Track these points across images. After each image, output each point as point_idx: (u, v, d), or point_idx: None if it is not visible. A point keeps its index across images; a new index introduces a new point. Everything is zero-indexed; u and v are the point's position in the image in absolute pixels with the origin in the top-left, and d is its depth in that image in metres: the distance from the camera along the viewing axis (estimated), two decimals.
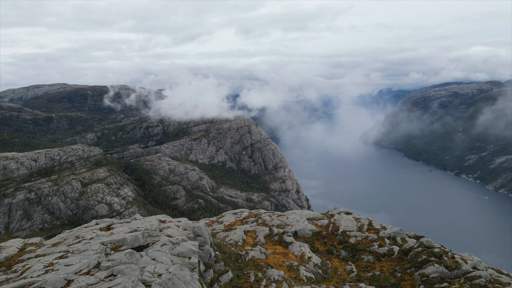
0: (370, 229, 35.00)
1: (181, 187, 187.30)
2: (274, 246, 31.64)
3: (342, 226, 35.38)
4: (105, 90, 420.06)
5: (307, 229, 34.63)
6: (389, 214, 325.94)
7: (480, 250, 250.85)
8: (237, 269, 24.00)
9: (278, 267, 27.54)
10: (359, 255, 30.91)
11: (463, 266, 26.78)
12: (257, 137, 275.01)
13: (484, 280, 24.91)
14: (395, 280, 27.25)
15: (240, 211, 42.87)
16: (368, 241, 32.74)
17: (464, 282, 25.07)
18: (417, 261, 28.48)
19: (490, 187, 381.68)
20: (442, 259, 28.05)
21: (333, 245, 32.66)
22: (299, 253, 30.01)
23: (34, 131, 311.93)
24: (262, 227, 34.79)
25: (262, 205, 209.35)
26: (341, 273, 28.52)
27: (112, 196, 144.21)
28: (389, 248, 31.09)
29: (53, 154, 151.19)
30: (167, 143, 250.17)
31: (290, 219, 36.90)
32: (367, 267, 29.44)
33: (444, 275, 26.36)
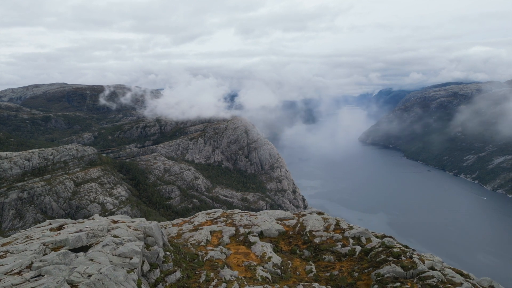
0: (336, 229, 35.21)
1: (176, 187, 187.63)
2: (237, 246, 31.87)
3: (309, 226, 35.59)
4: (102, 90, 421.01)
5: (274, 229, 34.85)
6: (387, 214, 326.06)
7: (477, 250, 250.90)
8: (189, 269, 24.21)
9: (236, 267, 27.76)
10: (321, 255, 31.11)
11: (419, 266, 26.92)
12: (254, 137, 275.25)
13: (436, 280, 25.07)
14: (352, 280, 27.43)
15: (214, 211, 43.11)
16: (332, 241, 32.94)
17: (416, 282, 25.25)
18: (376, 261, 28.64)
19: (488, 187, 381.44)
20: (399, 259, 28.21)
21: (297, 245, 32.87)
22: (261, 253, 30.23)
23: (32, 131, 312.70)
24: (229, 227, 35.02)
25: (257, 205, 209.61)
26: (300, 273, 28.73)
27: (105, 196, 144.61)
28: (351, 248, 31.29)
29: (47, 154, 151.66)
30: (163, 142, 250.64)
31: (259, 219, 37.13)
32: (327, 267, 29.64)
33: (400, 275, 26.53)
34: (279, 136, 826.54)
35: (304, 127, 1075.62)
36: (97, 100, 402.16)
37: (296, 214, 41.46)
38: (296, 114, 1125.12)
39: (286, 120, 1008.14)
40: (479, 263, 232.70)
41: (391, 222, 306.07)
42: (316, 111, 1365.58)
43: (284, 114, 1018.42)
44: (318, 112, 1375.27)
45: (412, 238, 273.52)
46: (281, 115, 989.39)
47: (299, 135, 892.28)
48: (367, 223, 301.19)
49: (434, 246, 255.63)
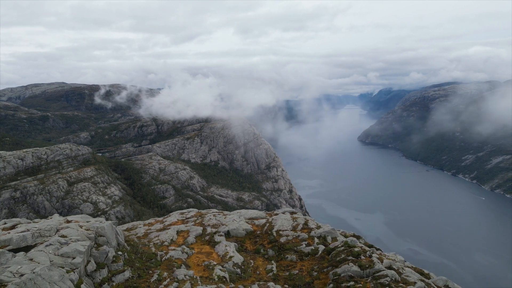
0: (304, 229, 35.36)
1: (171, 186, 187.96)
2: (202, 246, 32.03)
3: (277, 226, 35.74)
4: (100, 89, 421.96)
5: (241, 228, 35.00)
6: (384, 213, 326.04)
7: (474, 250, 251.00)
8: (143, 269, 24.36)
9: (195, 266, 27.92)
10: (284, 254, 31.25)
11: (376, 265, 27.03)
12: (251, 137, 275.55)
13: (389, 279, 25.22)
14: (310, 279, 27.57)
15: (188, 211, 43.28)
16: (298, 241, 33.09)
17: (370, 281, 25.39)
18: (336, 260, 28.79)
19: (486, 187, 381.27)
20: (359, 258, 28.35)
21: (263, 244, 33.03)
22: (223, 252, 30.39)
23: (30, 130, 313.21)
24: (196, 227, 35.19)
25: (252, 205, 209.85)
26: (261, 272, 28.87)
27: (98, 195, 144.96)
28: (315, 248, 31.43)
29: (41, 153, 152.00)
30: (159, 142, 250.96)
31: (228, 219, 37.29)
32: (288, 266, 29.79)
33: (356, 274, 26.65)
34: (278, 136, 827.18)
35: (304, 126, 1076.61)
36: (95, 100, 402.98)
37: (268, 214, 41.62)
38: (295, 113, 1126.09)
39: (286, 120, 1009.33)
40: (476, 263, 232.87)
41: (388, 222, 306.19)
42: (316, 110, 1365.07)
43: (283, 114, 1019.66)
44: (318, 111, 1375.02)
45: (409, 238, 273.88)
46: (281, 114, 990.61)
47: (298, 135, 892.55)
48: (364, 223, 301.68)
49: (431, 246, 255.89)
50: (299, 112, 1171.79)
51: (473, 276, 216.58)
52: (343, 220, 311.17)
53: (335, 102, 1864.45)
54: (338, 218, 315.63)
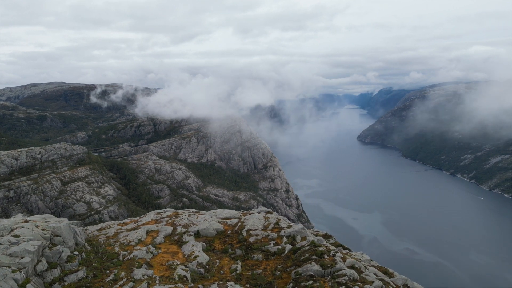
0: (275, 228, 35.43)
1: (166, 186, 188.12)
2: (170, 245, 32.14)
3: (248, 225, 35.83)
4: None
5: (211, 228, 35.09)
6: (382, 213, 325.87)
7: (471, 249, 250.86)
8: (101, 268, 24.48)
9: (158, 266, 28.02)
10: (251, 254, 31.35)
11: (338, 264, 27.12)
12: (248, 136, 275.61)
13: (346, 278, 25.35)
14: (272, 278, 27.68)
15: (164, 211, 43.40)
16: (266, 240, 33.18)
17: (329, 280, 25.51)
18: (300, 260, 28.87)
19: (485, 187, 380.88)
20: (322, 257, 28.45)
21: (231, 244, 33.13)
22: (189, 252, 30.48)
23: (27, 130, 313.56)
24: (167, 227, 35.30)
25: (248, 204, 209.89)
26: (225, 272, 28.97)
27: (91, 195, 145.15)
28: (282, 247, 31.52)
29: (35, 153, 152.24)
30: (156, 142, 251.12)
31: (200, 218, 37.39)
32: (253, 265, 29.88)
33: (317, 273, 26.75)
34: (278, 135, 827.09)
35: (303, 126, 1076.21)
36: (90, 99, 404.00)
37: (243, 214, 41.71)
38: (295, 113, 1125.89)
39: (286, 119, 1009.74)
40: (472, 263, 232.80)
41: (385, 222, 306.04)
42: (316, 110, 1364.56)
43: (283, 113, 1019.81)
44: (318, 111, 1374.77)
45: (406, 237, 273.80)
46: (281, 114, 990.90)
47: (298, 134, 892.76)
48: (362, 223, 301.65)
49: (428, 245, 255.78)
50: (299, 111, 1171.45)
51: (469, 276, 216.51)
52: (341, 219, 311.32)
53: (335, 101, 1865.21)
54: (335, 217, 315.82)
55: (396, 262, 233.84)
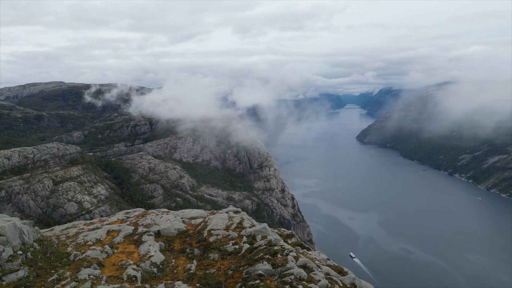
0: (237, 228, 35.44)
1: (159, 186, 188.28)
2: (128, 245, 32.17)
3: (211, 225, 35.85)
4: (95, 88, 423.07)
5: (173, 228, 35.13)
6: (379, 213, 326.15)
7: (466, 249, 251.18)
8: (46, 268, 24.53)
9: (110, 266, 28.04)
10: (208, 253, 31.38)
11: (289, 264, 27.13)
12: (243, 136, 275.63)
13: (292, 277, 25.41)
14: (224, 278, 27.71)
15: (133, 210, 43.45)
16: (226, 240, 33.19)
17: (275, 280, 25.56)
18: (253, 259, 28.89)
19: (482, 186, 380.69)
20: (275, 257, 28.50)
21: (190, 244, 33.16)
22: (145, 252, 30.52)
23: (24, 129, 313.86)
24: (129, 227, 35.34)
25: (242, 204, 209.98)
26: (178, 271, 28.98)
27: (83, 195, 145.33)
28: (239, 247, 31.54)
29: (27, 153, 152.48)
30: (151, 141, 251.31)
31: (163, 218, 37.44)
32: (208, 265, 29.89)
33: (268, 272, 26.76)
34: (277, 135, 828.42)
35: (303, 126, 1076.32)
36: (90, 99, 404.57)
37: (211, 213, 41.72)
38: (295, 113, 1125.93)
39: (285, 119, 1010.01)
40: (468, 262, 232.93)
41: (382, 221, 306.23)
42: (316, 110, 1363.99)
43: (283, 113, 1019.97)
44: (317, 111, 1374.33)
45: (402, 237, 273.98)
46: (280, 113, 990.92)
47: (297, 134, 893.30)
48: (359, 222, 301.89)
49: (424, 245, 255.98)
50: (298, 111, 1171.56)
51: (463, 275, 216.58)
52: (337, 219, 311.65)
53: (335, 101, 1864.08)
54: (332, 217, 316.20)
55: (392, 262, 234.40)
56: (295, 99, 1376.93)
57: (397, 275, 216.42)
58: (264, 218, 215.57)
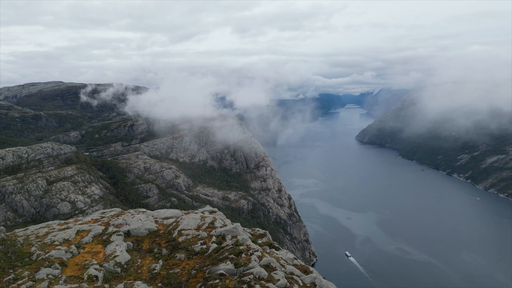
0: (208, 228, 35.43)
1: (154, 186, 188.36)
2: (95, 245, 32.17)
3: (182, 225, 35.85)
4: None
5: (143, 228, 35.12)
6: (376, 213, 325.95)
7: (463, 249, 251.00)
8: (4, 268, 24.55)
9: (73, 266, 28.04)
10: (175, 253, 31.38)
11: (252, 263, 27.13)
12: (240, 136, 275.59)
13: (252, 277, 25.43)
14: (186, 278, 27.71)
15: (110, 210, 43.47)
16: (195, 240, 33.17)
17: (235, 279, 25.57)
18: (218, 259, 28.91)
19: (480, 186, 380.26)
20: (239, 256, 28.52)
21: (159, 244, 33.17)
22: (111, 252, 30.53)
23: (22, 129, 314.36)
24: (99, 227, 35.36)
25: (238, 204, 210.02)
26: (142, 271, 28.96)
27: (77, 195, 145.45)
28: (206, 247, 31.54)
29: (21, 152, 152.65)
30: (148, 141, 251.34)
31: (135, 218, 37.45)
32: (174, 265, 29.91)
33: (230, 272, 26.77)
34: (277, 135, 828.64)
35: (303, 126, 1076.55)
36: (86, 98, 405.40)
37: (186, 213, 41.70)
38: (295, 112, 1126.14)
39: (285, 119, 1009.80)
40: (464, 262, 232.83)
41: (379, 221, 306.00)
42: (316, 110, 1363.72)
43: (283, 113, 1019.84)
44: (317, 111, 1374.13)
45: (399, 237, 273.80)
46: (280, 113, 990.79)
47: (297, 134, 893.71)
48: (356, 222, 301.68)
49: (421, 245, 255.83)
50: (298, 111, 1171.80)
51: (460, 275, 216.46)
52: (335, 219, 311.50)
53: (335, 101, 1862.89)
54: (329, 217, 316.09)
55: (388, 262, 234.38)
56: (295, 99, 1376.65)
57: (393, 275, 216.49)
58: (260, 218, 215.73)
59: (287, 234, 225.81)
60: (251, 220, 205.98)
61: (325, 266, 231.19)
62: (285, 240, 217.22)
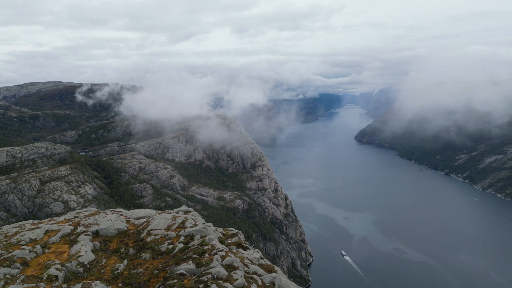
0: (178, 228, 35.35)
1: (149, 186, 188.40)
2: (62, 245, 32.13)
3: (153, 225, 35.82)
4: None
5: (113, 228, 35.07)
6: (373, 213, 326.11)
7: (460, 249, 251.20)
8: None
9: (35, 266, 27.99)
10: (141, 253, 31.36)
11: (213, 263, 27.09)
12: (237, 136, 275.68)
13: (209, 276, 25.43)
14: (148, 277, 27.69)
15: (85, 210, 43.45)
16: (163, 239, 33.12)
17: (193, 279, 25.56)
18: (181, 259, 28.88)
19: (478, 187, 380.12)
20: (202, 256, 28.51)
21: (127, 244, 33.15)
22: (75, 252, 30.50)
23: (19, 129, 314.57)
24: (69, 227, 35.31)
25: (233, 204, 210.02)
26: (105, 271, 28.93)
27: (70, 194, 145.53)
28: (173, 246, 31.50)
29: (15, 152, 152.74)
30: (144, 141, 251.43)
31: (106, 218, 37.43)
32: (138, 265, 29.86)
33: (190, 272, 26.72)
34: (276, 135, 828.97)
35: (302, 126, 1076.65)
36: (81, 98, 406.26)
37: (159, 213, 41.64)
38: (295, 112, 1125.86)
39: (284, 119, 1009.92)
40: (460, 262, 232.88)
41: (376, 221, 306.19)
42: (316, 110, 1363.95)
43: (282, 113, 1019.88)
44: (317, 111, 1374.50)
45: (395, 237, 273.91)
46: (279, 113, 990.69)
47: (296, 134, 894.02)
48: (352, 222, 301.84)
49: (418, 245, 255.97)
50: (298, 111, 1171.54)
51: (455, 275, 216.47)
52: (331, 219, 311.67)
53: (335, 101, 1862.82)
54: (326, 217, 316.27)
55: (384, 261, 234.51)
56: (295, 99, 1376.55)
57: (388, 275, 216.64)
58: (256, 218, 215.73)
59: (283, 234, 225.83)
60: (246, 220, 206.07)
61: (321, 266, 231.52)
62: (281, 240, 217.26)
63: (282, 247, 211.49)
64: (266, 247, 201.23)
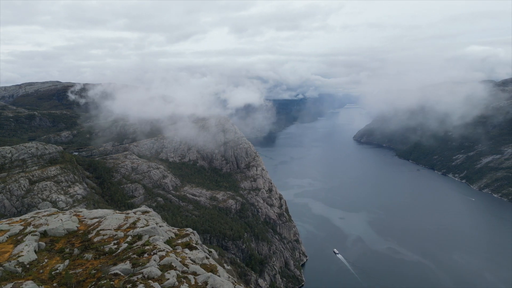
0: (128, 228, 35.39)
1: (140, 186, 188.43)
2: (7, 245, 32.16)
3: (104, 225, 35.87)
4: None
5: (62, 228, 35.12)
6: (369, 213, 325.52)
7: (455, 249, 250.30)
8: None
9: None
10: (84, 253, 31.39)
11: (150, 263, 27.20)
12: (231, 136, 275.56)
13: (140, 276, 25.51)
14: (85, 278, 27.72)
15: (44, 210, 43.49)
16: (111, 240, 33.17)
17: (124, 279, 25.63)
18: (120, 259, 28.92)
19: (475, 187, 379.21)
20: (141, 256, 28.57)
21: (73, 244, 33.19)
22: (17, 252, 30.56)
23: (15, 129, 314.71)
24: (18, 226, 35.38)
25: (226, 204, 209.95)
26: (44, 271, 28.99)
27: (59, 194, 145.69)
28: (117, 246, 31.53)
29: (5, 152, 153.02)
30: (138, 141, 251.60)
31: (58, 218, 37.47)
32: (79, 265, 29.90)
33: (125, 272, 26.79)
34: (275, 135, 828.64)
35: (301, 126, 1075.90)
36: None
37: (119, 213, 41.68)
38: (293, 113, 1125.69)
39: (284, 119, 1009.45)
40: (454, 262, 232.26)
41: (372, 221, 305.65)
42: (315, 109, 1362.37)
43: (282, 113, 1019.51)
44: (317, 110, 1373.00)
45: (390, 236, 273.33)
46: (279, 113, 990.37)
47: (295, 134, 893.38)
48: (348, 222, 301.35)
49: (412, 245, 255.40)
50: (297, 111, 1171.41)
51: (449, 275, 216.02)
52: (327, 219, 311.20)
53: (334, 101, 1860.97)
54: (322, 217, 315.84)
55: (378, 261, 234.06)
56: (295, 99, 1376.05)
57: (382, 274, 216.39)
58: (249, 218, 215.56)
59: (276, 234, 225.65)
60: (239, 220, 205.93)
61: (314, 266, 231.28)
62: (274, 240, 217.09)
63: (275, 247, 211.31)
64: (258, 247, 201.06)
